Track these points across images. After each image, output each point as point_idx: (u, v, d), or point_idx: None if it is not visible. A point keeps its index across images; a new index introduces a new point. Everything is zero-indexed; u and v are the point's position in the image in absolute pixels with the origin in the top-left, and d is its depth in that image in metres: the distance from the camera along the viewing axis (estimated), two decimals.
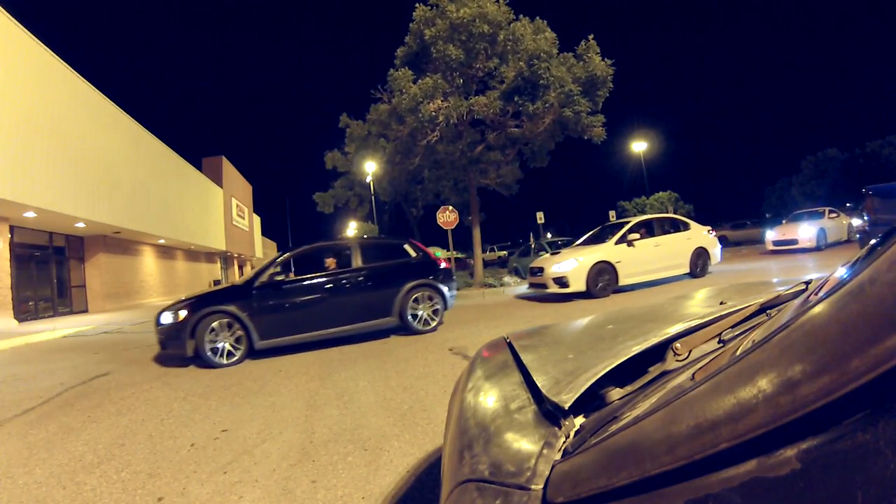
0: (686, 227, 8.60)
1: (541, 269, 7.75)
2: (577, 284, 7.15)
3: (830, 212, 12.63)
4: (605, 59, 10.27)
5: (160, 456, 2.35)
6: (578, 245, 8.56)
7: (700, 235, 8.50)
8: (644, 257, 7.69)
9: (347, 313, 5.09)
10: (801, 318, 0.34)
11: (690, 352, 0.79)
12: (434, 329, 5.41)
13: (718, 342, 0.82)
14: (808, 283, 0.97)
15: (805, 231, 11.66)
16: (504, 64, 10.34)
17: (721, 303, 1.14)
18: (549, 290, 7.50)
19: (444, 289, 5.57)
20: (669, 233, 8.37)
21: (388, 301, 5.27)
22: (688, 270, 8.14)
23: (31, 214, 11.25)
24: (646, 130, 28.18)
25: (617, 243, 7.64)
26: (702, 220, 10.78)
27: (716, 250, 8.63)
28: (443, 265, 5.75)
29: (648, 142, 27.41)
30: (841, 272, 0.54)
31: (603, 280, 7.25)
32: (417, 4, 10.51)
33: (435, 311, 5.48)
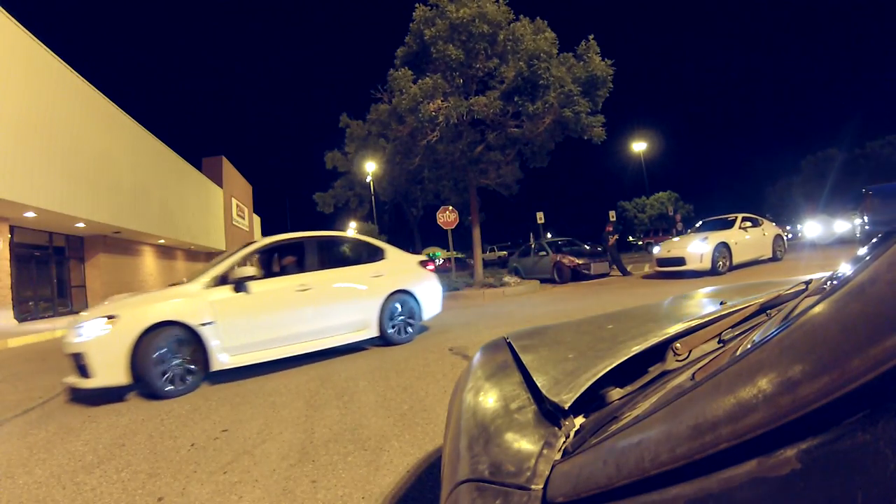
0: (375, 255, 5.01)
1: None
2: (110, 373, 3.41)
3: (745, 220, 9.71)
4: (605, 59, 10.27)
5: (160, 456, 2.35)
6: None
7: (402, 269, 4.99)
8: (269, 315, 4.03)
9: None
10: (801, 318, 0.34)
11: (690, 352, 0.79)
12: None
13: (718, 342, 0.82)
14: (808, 283, 0.97)
15: (696, 247, 8.58)
16: (504, 64, 10.34)
17: (721, 303, 1.14)
18: (69, 381, 3.56)
19: None
20: (339, 264, 4.79)
21: None
22: (376, 332, 4.62)
23: (31, 214, 11.25)
24: (646, 130, 28.31)
25: (214, 285, 3.90)
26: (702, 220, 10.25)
27: (429, 292, 5.14)
28: None
29: (648, 142, 27.43)
30: (841, 272, 0.54)
31: (175, 364, 3.59)
32: (417, 4, 10.52)
33: None
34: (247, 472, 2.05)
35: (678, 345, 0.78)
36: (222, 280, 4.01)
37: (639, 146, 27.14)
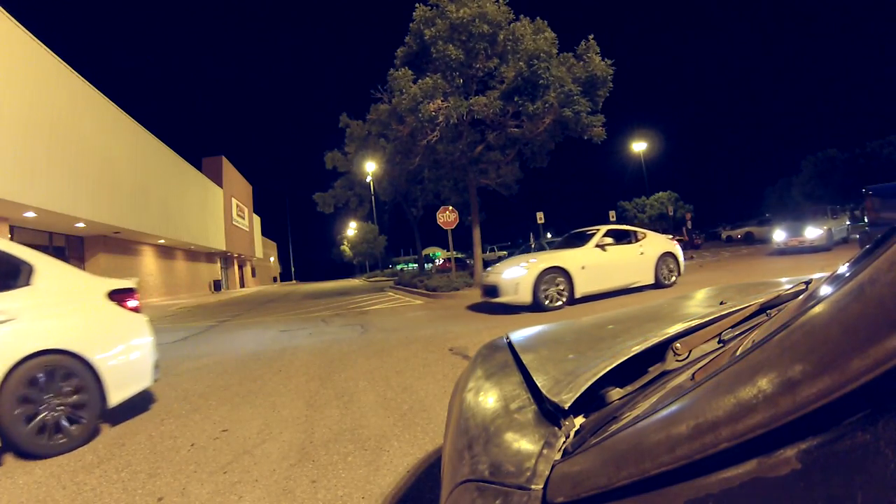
0: (9, 277, 2.52)
1: None
2: None
3: (608, 234, 7.20)
4: (605, 60, 10.28)
5: (160, 456, 2.35)
6: None
7: (64, 308, 2.66)
8: None
9: None
10: (801, 318, 0.34)
11: (690, 352, 0.79)
12: None
13: (718, 342, 0.82)
14: (808, 283, 0.97)
15: (512, 274, 6.40)
16: (504, 64, 10.34)
17: (721, 303, 1.14)
18: None
19: None
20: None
21: None
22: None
23: (31, 214, 11.26)
24: (646, 130, 28.34)
25: None
26: (702, 220, 9.98)
27: (124, 353, 2.85)
28: None
29: (648, 142, 27.49)
30: (841, 272, 0.54)
31: None
32: (417, 4, 10.52)
33: None
34: (247, 472, 2.05)
35: (678, 345, 0.78)
36: None
37: (639, 146, 27.17)
